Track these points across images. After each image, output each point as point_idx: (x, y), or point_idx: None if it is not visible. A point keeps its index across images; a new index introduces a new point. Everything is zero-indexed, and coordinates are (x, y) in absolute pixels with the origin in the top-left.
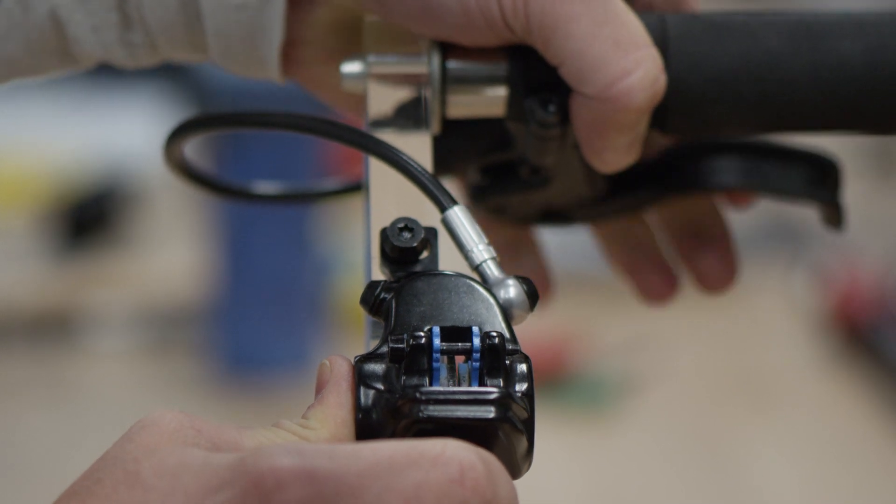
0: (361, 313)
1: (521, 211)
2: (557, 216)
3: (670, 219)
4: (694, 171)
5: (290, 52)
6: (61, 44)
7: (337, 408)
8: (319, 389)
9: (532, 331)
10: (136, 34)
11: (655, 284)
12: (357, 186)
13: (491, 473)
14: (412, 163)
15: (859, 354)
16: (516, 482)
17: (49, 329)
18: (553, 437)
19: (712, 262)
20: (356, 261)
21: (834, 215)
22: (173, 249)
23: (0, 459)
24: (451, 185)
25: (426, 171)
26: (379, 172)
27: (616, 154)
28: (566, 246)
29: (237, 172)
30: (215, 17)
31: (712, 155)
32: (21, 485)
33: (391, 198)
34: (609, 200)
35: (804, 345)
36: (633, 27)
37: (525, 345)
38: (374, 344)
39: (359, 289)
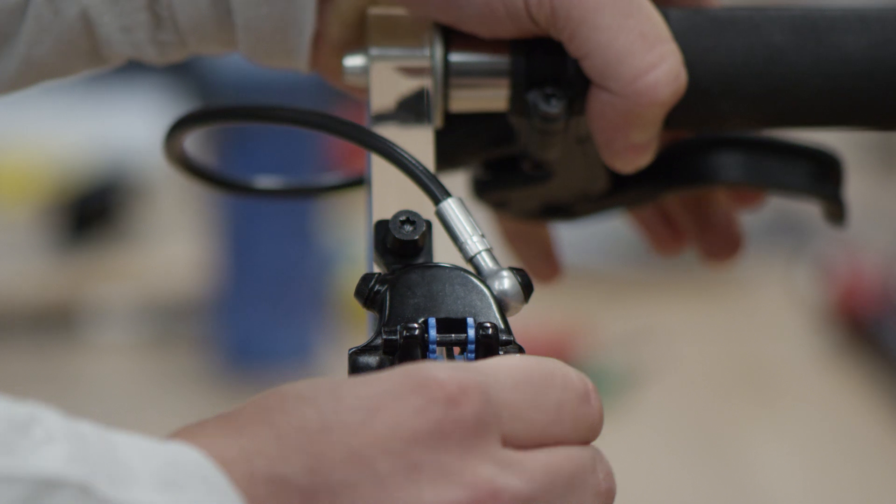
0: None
1: (523, 205)
2: (559, 211)
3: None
4: (696, 166)
5: (315, 43)
6: (91, 45)
7: None
8: None
9: (535, 323)
10: (166, 33)
11: (668, 238)
12: (358, 181)
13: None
14: (406, 156)
15: (862, 347)
16: None
17: (51, 322)
18: None
19: (719, 239)
20: (358, 254)
21: (836, 211)
22: (176, 243)
23: None
24: (458, 178)
25: (420, 164)
26: (381, 166)
27: (636, 153)
28: (569, 239)
29: (239, 166)
30: (245, 12)
31: (715, 150)
32: None
33: (393, 191)
34: (611, 195)
35: (807, 338)
36: (657, 21)
37: (528, 337)
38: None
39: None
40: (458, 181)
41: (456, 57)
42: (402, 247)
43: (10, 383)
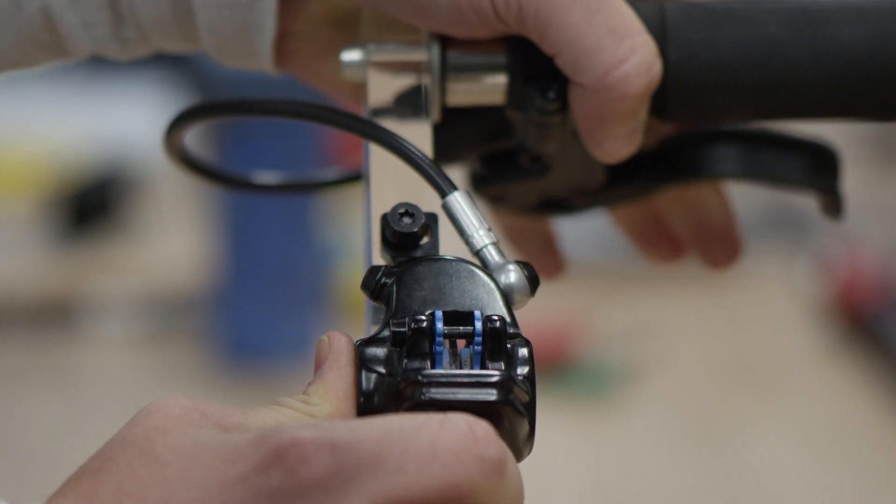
0: (362, 299)
1: (521, 199)
2: (558, 205)
3: (674, 200)
4: (693, 159)
5: (282, 45)
6: (53, 39)
7: (337, 382)
8: (319, 365)
9: (535, 318)
10: (128, 30)
11: (665, 249)
12: (356, 176)
13: (494, 433)
14: (412, 148)
15: (861, 342)
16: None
17: (51, 316)
18: (556, 424)
19: (718, 244)
20: (357, 247)
21: (833, 204)
22: (175, 237)
23: (1, 446)
24: (454, 172)
25: (426, 157)
26: (379, 159)
27: (617, 143)
28: (567, 234)
29: (239, 161)
30: (207, 14)
31: (711, 143)
32: (23, 472)
33: (391, 184)
34: (608, 189)
35: (806, 332)
36: (626, 14)
37: (527, 332)
38: (375, 329)
39: (360, 275)
40: (457, 176)
41: (453, 52)
42: (401, 239)
43: (9, 377)
